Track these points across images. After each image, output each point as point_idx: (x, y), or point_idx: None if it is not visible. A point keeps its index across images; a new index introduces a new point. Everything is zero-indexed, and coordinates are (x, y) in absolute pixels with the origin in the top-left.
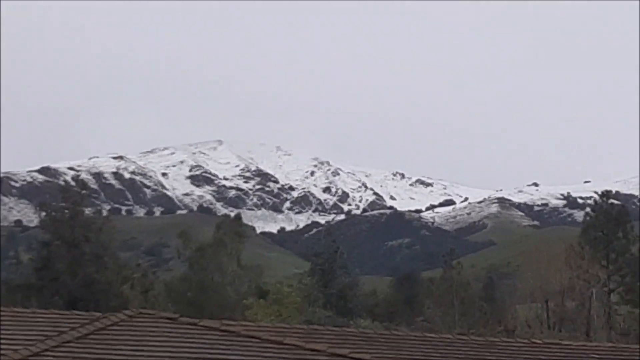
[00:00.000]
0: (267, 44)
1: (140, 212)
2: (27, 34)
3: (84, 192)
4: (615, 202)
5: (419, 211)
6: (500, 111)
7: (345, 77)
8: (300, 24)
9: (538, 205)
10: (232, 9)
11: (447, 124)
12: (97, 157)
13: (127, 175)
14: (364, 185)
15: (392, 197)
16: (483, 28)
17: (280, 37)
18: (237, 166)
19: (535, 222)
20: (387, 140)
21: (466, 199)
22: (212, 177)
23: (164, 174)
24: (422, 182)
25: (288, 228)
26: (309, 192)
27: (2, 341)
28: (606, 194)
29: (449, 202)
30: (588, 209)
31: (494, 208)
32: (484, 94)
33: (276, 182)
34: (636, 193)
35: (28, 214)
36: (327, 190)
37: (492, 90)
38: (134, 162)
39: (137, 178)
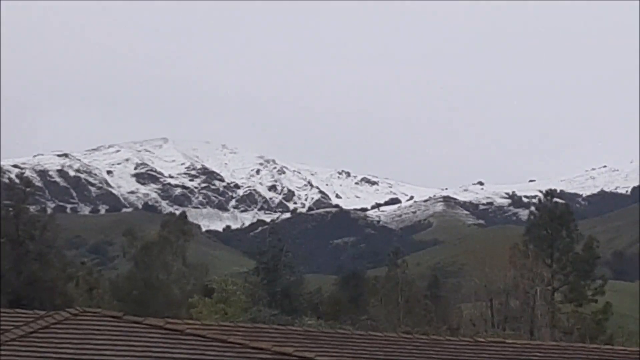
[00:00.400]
0: (211, 42)
1: (85, 210)
2: None
3: (28, 189)
4: (560, 201)
5: (364, 210)
6: (445, 110)
7: (291, 75)
8: (244, 22)
9: (483, 204)
10: (179, 8)
11: (393, 123)
12: (42, 154)
13: (72, 173)
14: (310, 183)
15: (337, 196)
16: (425, 26)
17: (224, 35)
18: (182, 164)
19: (480, 221)
20: (333, 139)
21: (412, 197)
22: (158, 175)
23: (109, 172)
24: (368, 181)
25: (233, 226)
26: (254, 190)
27: None
28: (550, 193)
29: (394, 201)
30: (532, 208)
31: (440, 207)
32: (430, 93)
33: (222, 180)
34: (580, 192)
35: None
36: (272, 188)
37: (437, 89)
38: (79, 159)
39: (82, 176)
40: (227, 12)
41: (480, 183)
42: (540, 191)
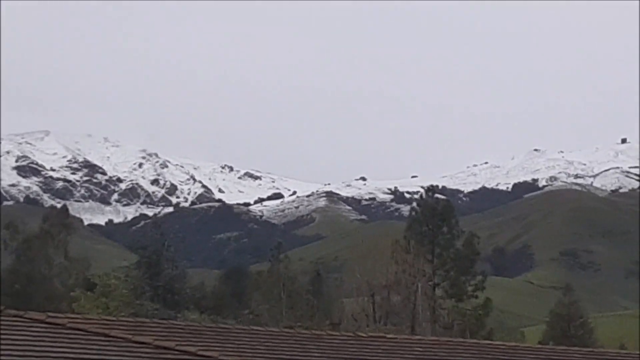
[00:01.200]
0: (92, 35)
1: None
2: None
3: None
4: (441, 196)
5: (247, 204)
6: (329, 105)
7: (172, 68)
8: (126, 15)
9: (366, 200)
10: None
11: (276, 118)
12: None
13: None
14: (193, 177)
15: (220, 190)
16: (307, 21)
17: (104, 29)
18: (64, 157)
19: (363, 216)
20: (216, 133)
21: (294, 192)
22: (39, 168)
23: None
24: (251, 175)
25: (116, 220)
26: (137, 184)
27: None
28: (432, 189)
29: (277, 196)
30: (414, 204)
31: (322, 202)
32: (312, 88)
33: (104, 173)
34: (462, 188)
35: None
36: (155, 182)
37: (319, 84)
38: None
39: None
40: (106, 5)
41: (363, 178)
42: (422, 187)
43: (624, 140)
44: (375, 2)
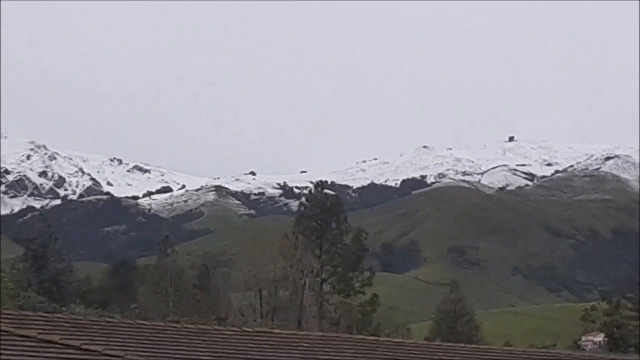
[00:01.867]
0: None
1: None
2: None
3: None
4: (330, 192)
5: (135, 197)
6: (218, 99)
7: (63, 60)
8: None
9: (255, 194)
10: None
11: (165, 111)
12: None
13: None
14: (81, 170)
15: (109, 183)
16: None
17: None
18: None
19: (252, 211)
20: (105, 126)
21: (183, 186)
22: None
23: None
24: (140, 169)
25: (3, 212)
26: (24, 176)
27: None
28: (321, 184)
29: (166, 189)
30: (303, 199)
31: (211, 196)
32: (203, 81)
33: None
34: (351, 184)
35: None
36: (43, 174)
37: (209, 77)
38: None
39: None
40: None
41: (252, 173)
42: (311, 182)
43: (511, 138)
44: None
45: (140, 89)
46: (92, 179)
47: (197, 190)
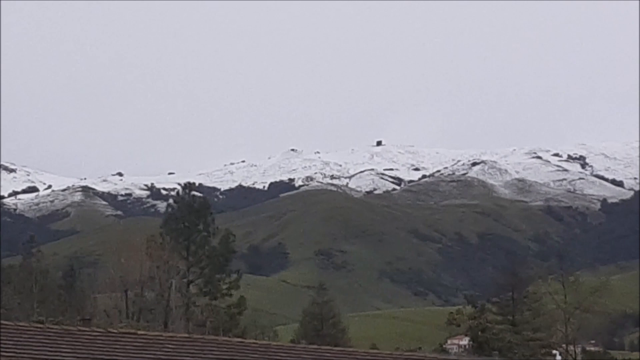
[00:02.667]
0: None
1: None
2: None
3: None
4: (198, 194)
5: (1, 197)
6: (86, 99)
7: None
8: None
9: (122, 195)
10: None
11: (32, 110)
12: None
13: None
14: None
15: None
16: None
17: None
18: None
19: (119, 212)
20: None
21: (50, 186)
22: None
23: None
24: (6, 168)
25: None
26: None
27: None
28: (189, 186)
29: (32, 189)
30: (171, 201)
31: (78, 196)
32: (70, 80)
33: None
34: (219, 186)
35: None
36: None
37: (76, 78)
38: None
39: None
40: None
41: (120, 174)
42: (179, 184)
43: (379, 143)
44: None
45: (6, 87)
46: None
47: (63, 190)
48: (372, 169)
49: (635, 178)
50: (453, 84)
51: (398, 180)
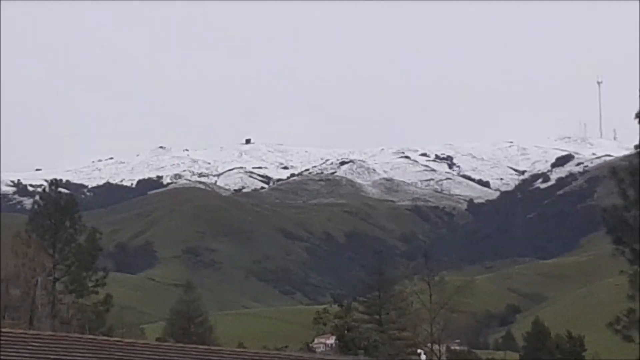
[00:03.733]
0: None
1: None
2: None
3: None
4: (65, 191)
5: None
6: None
7: None
8: None
9: None
10: None
11: None
12: None
13: None
14: None
15: None
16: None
17: None
18: None
19: None
20: None
21: None
22: None
23: None
24: None
25: None
26: None
27: None
28: (55, 183)
29: None
30: (37, 197)
31: None
32: None
33: None
34: (86, 183)
35: None
36: None
37: None
38: None
39: None
40: None
41: None
42: (46, 180)
43: (248, 141)
44: None
45: None
46: None
47: None
48: (241, 167)
49: (501, 179)
50: (321, 82)
51: (267, 179)
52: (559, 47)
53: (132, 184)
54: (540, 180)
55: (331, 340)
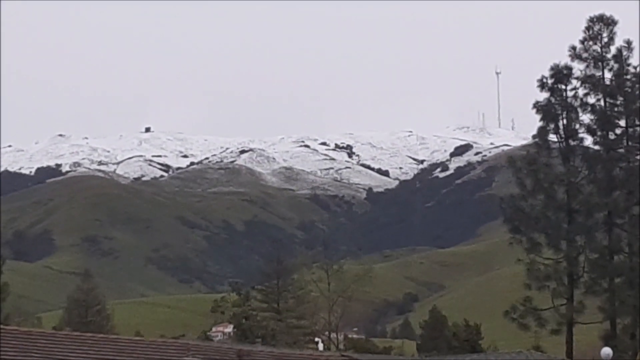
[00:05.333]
0: None
1: None
2: None
3: None
4: None
5: None
6: None
7: None
8: None
9: None
10: None
11: None
12: None
13: None
14: None
15: None
16: None
17: None
18: None
19: None
20: None
21: None
22: None
23: None
24: None
25: None
26: None
27: None
28: None
29: None
30: None
31: None
32: None
33: None
34: None
35: None
36: None
37: None
38: None
39: None
40: None
41: None
42: None
43: (147, 129)
44: None
45: None
46: None
47: None
48: (141, 156)
49: (400, 168)
50: (221, 71)
51: (166, 167)
52: (458, 38)
53: (30, 172)
54: (438, 169)
55: (229, 329)
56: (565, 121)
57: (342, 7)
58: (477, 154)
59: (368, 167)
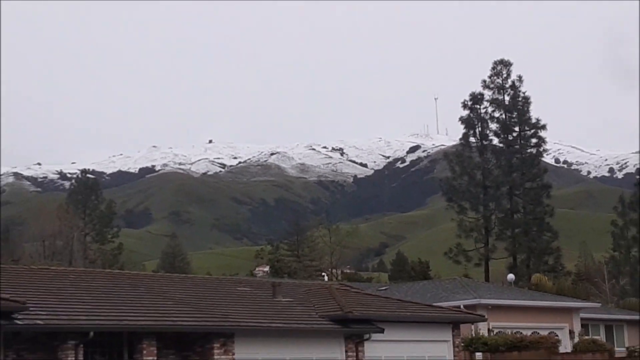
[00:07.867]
0: None
1: None
2: None
3: None
4: (91, 176)
5: None
6: None
7: None
8: None
9: (41, 178)
10: None
11: None
12: None
13: None
14: None
15: None
16: None
17: None
18: None
19: (39, 189)
20: None
21: None
22: None
23: None
24: None
25: None
26: None
27: None
28: (85, 171)
29: None
30: (73, 181)
31: (11, 179)
32: None
33: None
34: (105, 170)
35: None
36: None
37: None
38: None
39: None
40: None
41: (39, 164)
42: (79, 170)
43: (210, 141)
44: None
45: None
46: None
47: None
48: (206, 158)
49: (374, 161)
50: (251, 88)
51: (223, 165)
52: (416, 70)
53: (135, 171)
54: (399, 162)
55: (266, 269)
56: (480, 129)
57: (320, 13)
58: (424, 151)
59: (354, 161)
